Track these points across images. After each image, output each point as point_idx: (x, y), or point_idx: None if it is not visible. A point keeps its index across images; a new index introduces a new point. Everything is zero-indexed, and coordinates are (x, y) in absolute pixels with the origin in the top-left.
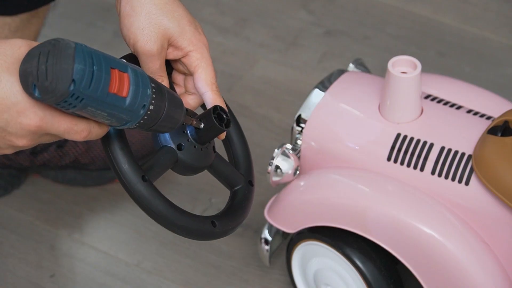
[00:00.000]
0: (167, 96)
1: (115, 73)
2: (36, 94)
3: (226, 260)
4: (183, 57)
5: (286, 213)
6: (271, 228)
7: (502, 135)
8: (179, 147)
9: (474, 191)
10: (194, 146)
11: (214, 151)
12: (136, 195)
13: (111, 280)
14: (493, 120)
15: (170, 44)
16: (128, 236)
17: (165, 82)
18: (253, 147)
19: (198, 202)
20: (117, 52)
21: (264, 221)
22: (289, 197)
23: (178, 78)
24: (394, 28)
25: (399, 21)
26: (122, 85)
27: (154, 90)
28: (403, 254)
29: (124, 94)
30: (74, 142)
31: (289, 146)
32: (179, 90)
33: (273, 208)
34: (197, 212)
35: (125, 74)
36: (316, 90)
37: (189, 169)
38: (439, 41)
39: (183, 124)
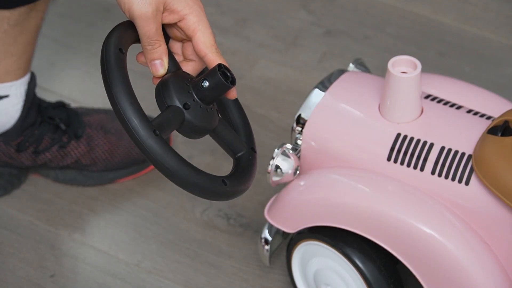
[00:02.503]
0: None
1: None
2: None
3: (226, 260)
4: (179, 21)
5: (286, 213)
6: (271, 228)
7: (502, 135)
8: (186, 106)
9: (474, 191)
10: (200, 106)
11: (218, 115)
12: (148, 149)
13: (111, 280)
14: (493, 120)
15: (165, 8)
16: (128, 236)
17: (162, 47)
18: None
19: (197, 202)
20: None
21: (264, 221)
22: (289, 197)
23: (175, 46)
24: (394, 28)
25: (399, 21)
26: None
27: None
28: (403, 254)
29: None
30: (76, 143)
31: (289, 146)
32: (177, 58)
33: (273, 208)
34: (197, 212)
35: None
36: (316, 90)
37: (195, 130)
38: (439, 41)
39: (186, 83)
